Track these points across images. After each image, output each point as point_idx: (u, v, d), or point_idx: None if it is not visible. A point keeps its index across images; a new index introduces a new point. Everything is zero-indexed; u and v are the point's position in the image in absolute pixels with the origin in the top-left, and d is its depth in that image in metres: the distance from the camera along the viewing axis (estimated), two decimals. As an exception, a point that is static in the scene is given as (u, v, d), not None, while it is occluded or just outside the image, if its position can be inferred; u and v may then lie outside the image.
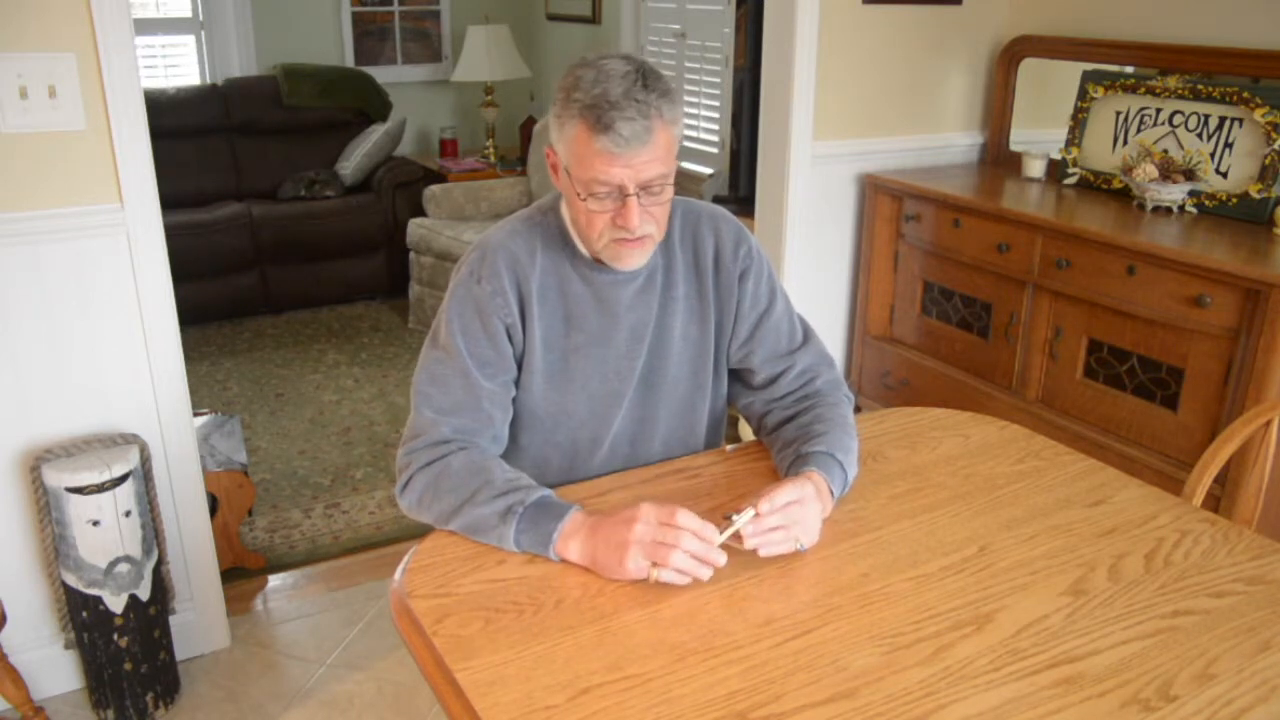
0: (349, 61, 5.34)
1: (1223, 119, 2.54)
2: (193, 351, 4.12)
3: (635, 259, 1.35)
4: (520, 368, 1.41)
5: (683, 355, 1.47)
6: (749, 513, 1.20)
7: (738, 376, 1.55)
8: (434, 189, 4.53)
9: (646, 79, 1.25)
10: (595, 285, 1.41)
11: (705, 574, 1.15)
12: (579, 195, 1.30)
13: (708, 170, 4.39)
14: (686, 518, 1.15)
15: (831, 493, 1.30)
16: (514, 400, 1.42)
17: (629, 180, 1.26)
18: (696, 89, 4.45)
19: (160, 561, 2.13)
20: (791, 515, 1.21)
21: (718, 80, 4.30)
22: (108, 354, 2.07)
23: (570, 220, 1.39)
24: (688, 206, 1.49)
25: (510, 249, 1.39)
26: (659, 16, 4.61)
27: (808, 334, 1.54)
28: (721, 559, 1.16)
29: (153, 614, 2.09)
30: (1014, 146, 3.18)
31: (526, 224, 1.42)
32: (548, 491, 1.26)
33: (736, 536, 1.19)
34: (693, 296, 1.46)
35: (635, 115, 1.22)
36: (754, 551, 1.21)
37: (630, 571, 1.15)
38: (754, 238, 1.51)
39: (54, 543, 2.00)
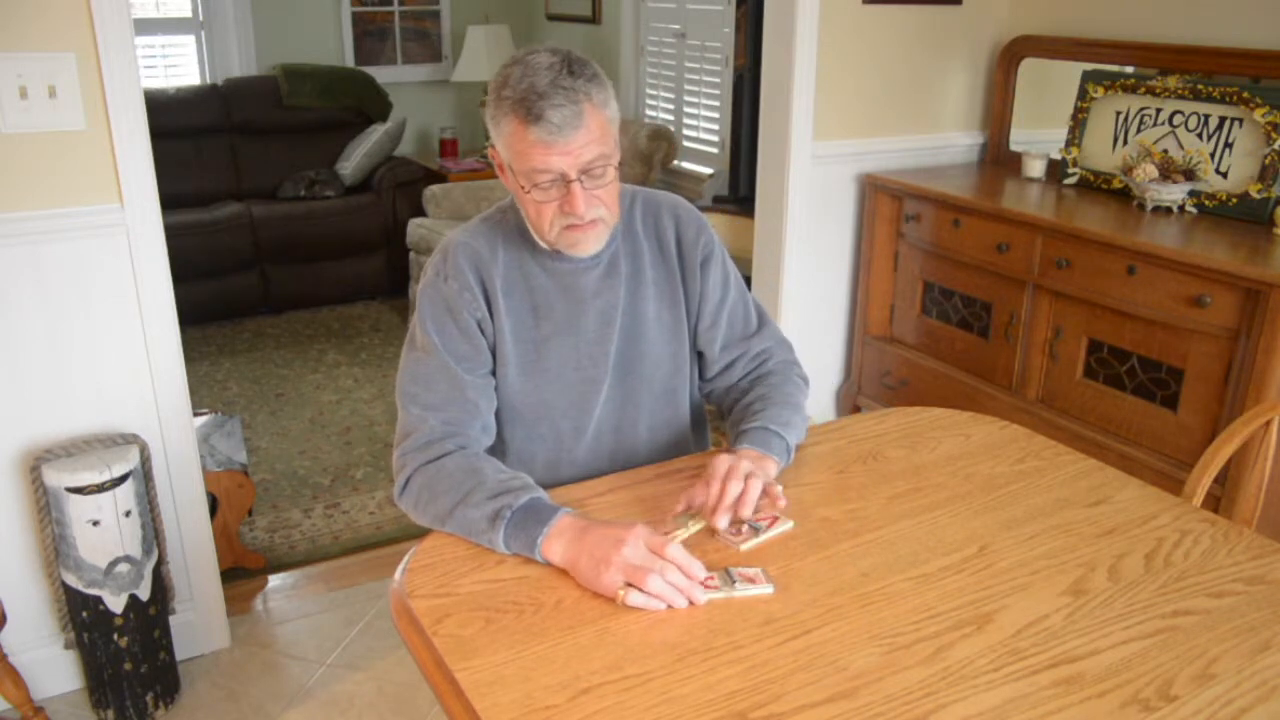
0: (349, 61, 5.34)
1: (1223, 119, 2.54)
2: (193, 351, 4.12)
3: (589, 244, 1.37)
4: (495, 361, 1.42)
5: (659, 338, 1.49)
6: (698, 524, 1.25)
7: (698, 362, 1.59)
8: (434, 189, 4.53)
9: (572, 66, 1.28)
10: (558, 275, 1.43)
11: (680, 602, 1.12)
12: (523, 188, 1.32)
13: (708, 170, 4.39)
14: (676, 551, 1.14)
15: (772, 458, 1.35)
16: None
17: (569, 167, 1.28)
18: (696, 89, 4.45)
19: (160, 561, 2.13)
20: (740, 472, 1.25)
21: (718, 80, 4.30)
22: (108, 354, 2.07)
23: (525, 218, 1.41)
24: (647, 196, 1.51)
25: (471, 246, 1.41)
26: (659, 16, 4.61)
27: (763, 319, 1.58)
28: (702, 598, 1.13)
29: (153, 614, 2.09)
30: (1014, 146, 3.18)
31: (486, 223, 1.45)
32: (537, 494, 1.25)
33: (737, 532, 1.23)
34: (662, 281, 1.49)
35: (564, 101, 1.25)
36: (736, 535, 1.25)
37: (604, 586, 1.13)
38: (710, 225, 1.54)
39: (54, 543, 2.00)
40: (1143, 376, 2.39)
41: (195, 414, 2.51)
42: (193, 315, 4.27)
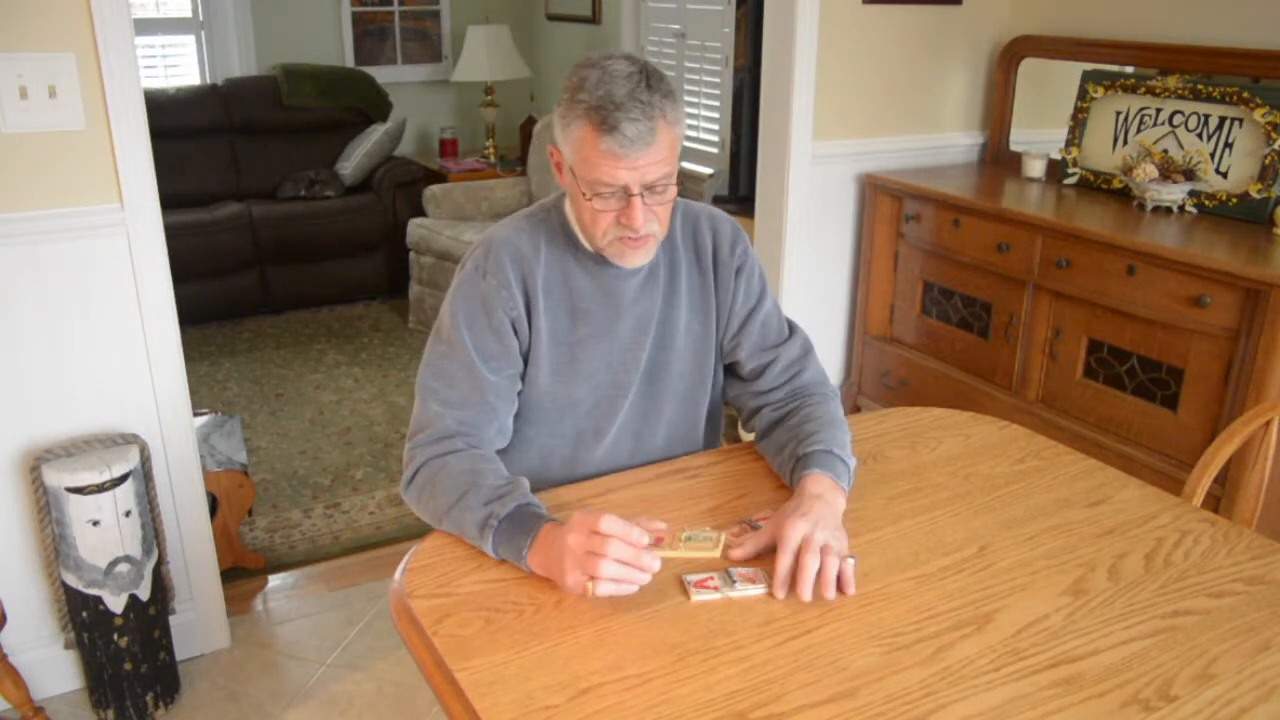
0: (349, 61, 5.34)
1: (1223, 119, 2.54)
2: (193, 351, 4.12)
3: (639, 258, 1.38)
4: (526, 361, 1.42)
5: (687, 350, 1.49)
6: (704, 550, 1.17)
7: (727, 369, 1.58)
8: (434, 189, 4.53)
9: (650, 80, 1.27)
10: (599, 278, 1.42)
11: (642, 578, 1.11)
12: (584, 195, 1.31)
13: (708, 170, 4.39)
14: (610, 523, 1.10)
15: (841, 488, 1.29)
16: (519, 393, 1.43)
17: (633, 181, 1.28)
18: (696, 89, 4.45)
19: (160, 561, 2.13)
20: (815, 545, 1.16)
21: (718, 80, 4.30)
22: (108, 354, 2.07)
23: (573, 217, 1.41)
24: (687, 207, 1.51)
25: (515, 244, 1.40)
26: (659, 16, 4.61)
27: (793, 328, 1.57)
28: (654, 564, 1.11)
29: (153, 614, 2.09)
30: (1014, 146, 3.18)
31: (530, 220, 1.44)
32: (526, 501, 1.22)
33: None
34: (695, 293, 1.49)
35: (640, 116, 1.24)
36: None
37: (571, 588, 1.12)
38: (746, 237, 1.54)
39: (54, 543, 2.00)
40: (1143, 376, 2.39)
41: (195, 414, 2.52)
42: (193, 315, 4.27)
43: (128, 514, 1.98)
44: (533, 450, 1.48)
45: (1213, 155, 2.56)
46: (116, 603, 2.01)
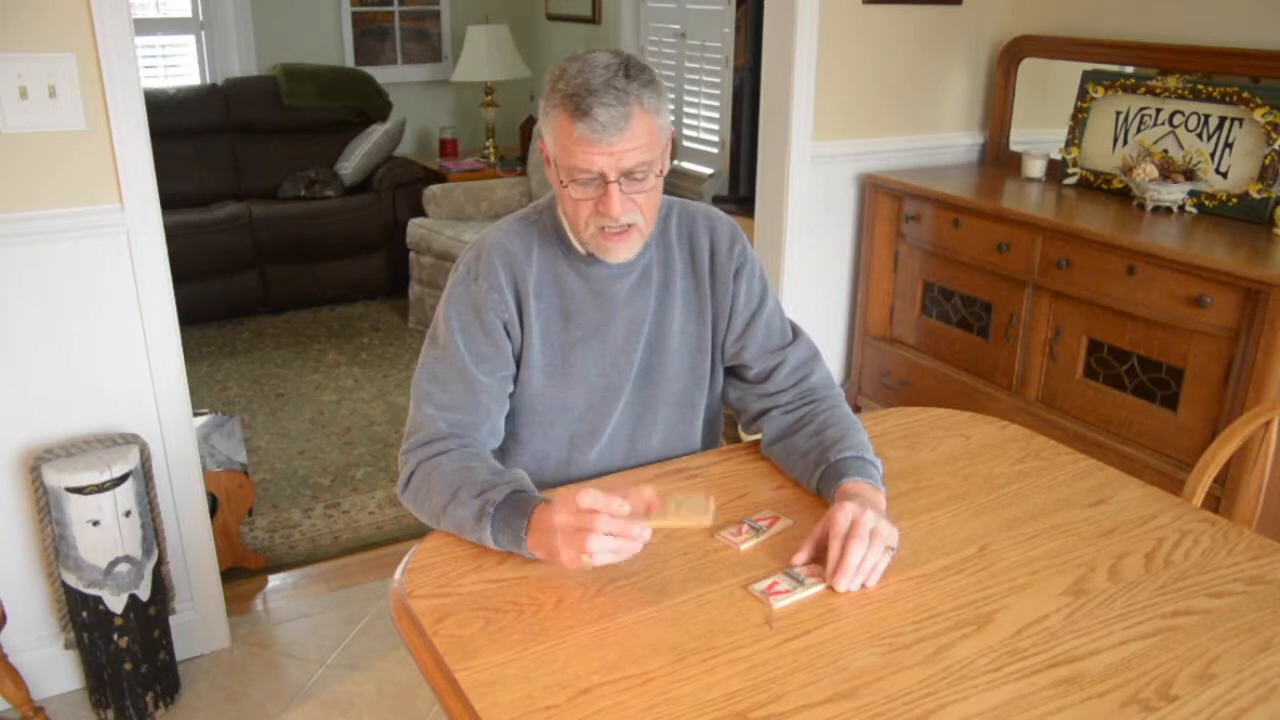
0: (349, 61, 5.34)
1: (1223, 119, 2.54)
2: (193, 351, 4.12)
3: (622, 251, 1.36)
4: (519, 363, 1.42)
5: (681, 350, 1.48)
6: (690, 518, 1.17)
7: (732, 372, 1.56)
8: (434, 189, 4.53)
9: (629, 70, 1.27)
10: (591, 280, 1.42)
11: (633, 547, 1.13)
12: (563, 183, 1.31)
13: (708, 170, 4.39)
14: (589, 498, 1.12)
15: (880, 489, 1.30)
16: (513, 395, 1.44)
17: (609, 168, 1.27)
18: (696, 89, 4.45)
19: (160, 561, 2.13)
20: (864, 528, 1.17)
21: (718, 80, 4.30)
22: (108, 354, 2.07)
23: (563, 215, 1.41)
24: (683, 206, 1.50)
25: (506, 246, 1.40)
26: (659, 16, 4.61)
27: (797, 331, 1.56)
28: (644, 533, 1.13)
29: (153, 614, 2.09)
30: (1014, 146, 3.18)
31: (522, 222, 1.44)
32: (519, 487, 1.24)
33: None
34: (690, 293, 1.48)
35: (613, 102, 1.24)
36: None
37: (566, 564, 1.13)
38: (745, 237, 1.53)
39: (54, 543, 2.00)
40: (1143, 376, 2.39)
41: (195, 414, 2.52)
42: (193, 315, 4.27)
43: (128, 514, 1.98)
44: (526, 454, 1.49)
45: (1213, 155, 2.56)
46: (116, 603, 2.01)
